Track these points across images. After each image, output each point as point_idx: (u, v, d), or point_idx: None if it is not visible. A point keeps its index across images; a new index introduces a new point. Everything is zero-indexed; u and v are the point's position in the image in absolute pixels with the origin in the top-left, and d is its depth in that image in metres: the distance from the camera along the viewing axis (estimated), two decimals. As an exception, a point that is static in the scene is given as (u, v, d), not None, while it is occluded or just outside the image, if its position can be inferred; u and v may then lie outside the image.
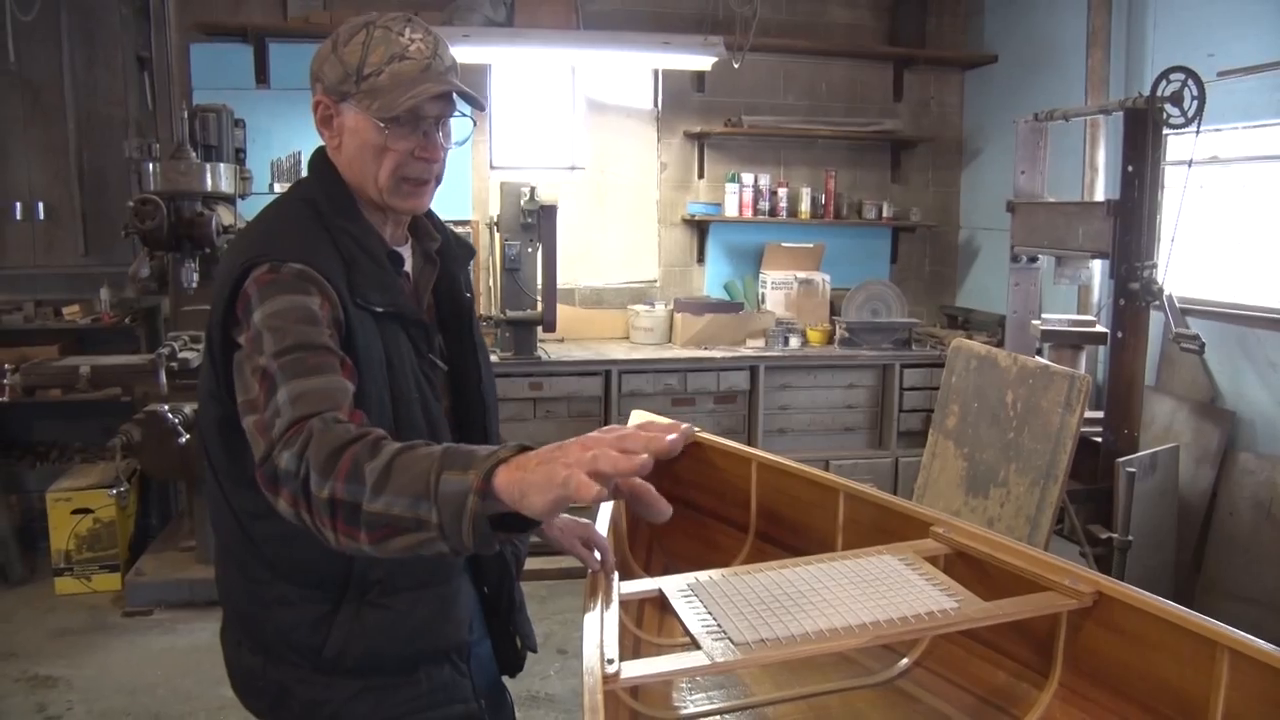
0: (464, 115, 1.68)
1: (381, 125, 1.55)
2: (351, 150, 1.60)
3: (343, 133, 1.60)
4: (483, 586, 1.79)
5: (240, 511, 1.59)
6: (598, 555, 1.94)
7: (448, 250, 1.79)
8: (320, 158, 1.67)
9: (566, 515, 2.00)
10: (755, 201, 6.09)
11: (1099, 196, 4.88)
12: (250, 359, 1.39)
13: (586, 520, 2.12)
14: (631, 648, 2.28)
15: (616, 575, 1.91)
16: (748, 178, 6.08)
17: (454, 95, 1.61)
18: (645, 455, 1.12)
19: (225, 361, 1.48)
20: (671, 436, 1.17)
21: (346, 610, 1.57)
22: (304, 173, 1.75)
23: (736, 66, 5.51)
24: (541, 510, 1.11)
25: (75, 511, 4.77)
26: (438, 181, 1.67)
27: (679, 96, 6.17)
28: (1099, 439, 3.93)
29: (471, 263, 1.93)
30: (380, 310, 1.55)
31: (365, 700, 1.61)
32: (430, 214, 1.78)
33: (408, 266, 1.72)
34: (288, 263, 1.46)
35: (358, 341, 1.49)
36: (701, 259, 6.33)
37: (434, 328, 1.72)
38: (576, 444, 1.14)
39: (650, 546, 2.91)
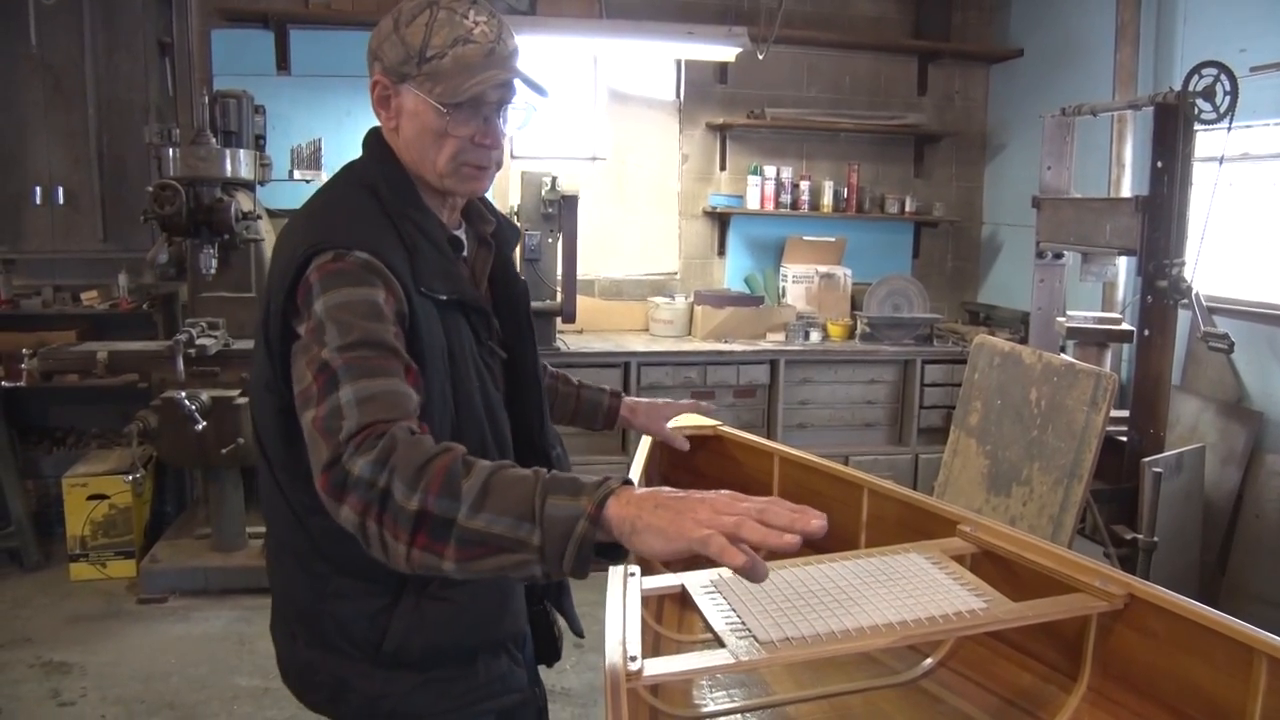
0: (527, 104, 1.64)
1: (443, 110, 1.51)
2: (410, 133, 1.55)
3: (401, 115, 1.55)
4: None
5: (297, 505, 1.55)
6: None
7: (501, 233, 1.77)
8: (376, 140, 1.62)
9: (646, 400, 2.12)
10: (777, 194, 6.05)
11: (1125, 193, 4.83)
12: (308, 349, 1.36)
13: (666, 400, 2.13)
14: (651, 644, 2.25)
15: (638, 570, 1.87)
16: (770, 170, 6.03)
17: (517, 82, 1.58)
18: (795, 536, 1.12)
19: (284, 352, 1.45)
20: (818, 522, 1.16)
21: (406, 603, 1.55)
22: (323, 157, 1.73)
23: (761, 58, 5.46)
24: (655, 552, 1.13)
25: (91, 497, 4.77)
26: (497, 166, 1.64)
27: (701, 88, 6.12)
28: (1124, 438, 3.88)
29: (518, 244, 1.90)
30: (444, 298, 1.52)
31: (425, 693, 1.59)
32: (482, 196, 1.75)
33: (465, 251, 1.69)
34: (353, 251, 1.42)
35: (421, 332, 1.46)
36: (722, 251, 6.28)
37: (492, 313, 1.69)
38: (704, 503, 1.14)
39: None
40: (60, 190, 5.41)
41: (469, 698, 1.62)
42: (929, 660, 2.19)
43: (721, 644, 1.63)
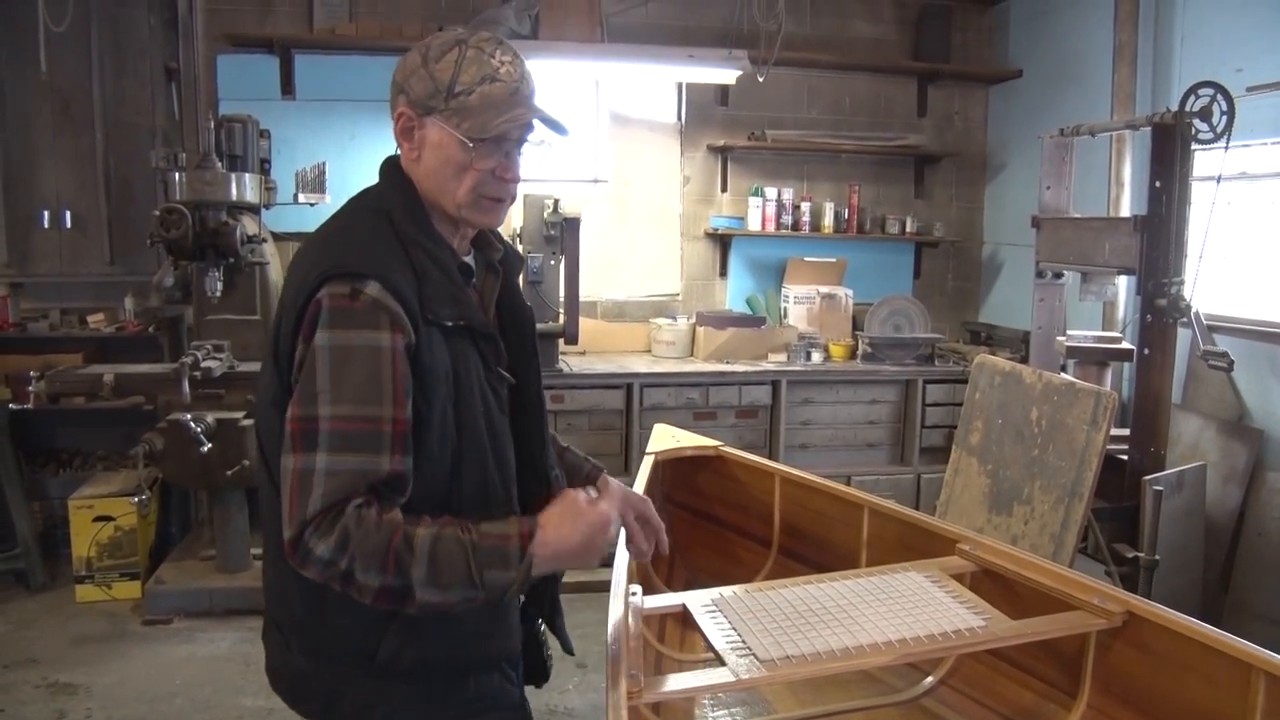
0: (542, 140, 1.70)
1: (469, 144, 1.57)
2: (433, 164, 1.60)
3: (424, 146, 1.60)
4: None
5: None
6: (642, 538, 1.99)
7: (508, 260, 1.82)
8: (393, 168, 1.68)
9: (620, 483, 2.05)
10: (778, 216, 6.07)
11: (1124, 212, 4.85)
12: (304, 385, 1.46)
13: (641, 494, 2.12)
14: (654, 663, 2.26)
15: (640, 590, 1.89)
16: (771, 192, 6.06)
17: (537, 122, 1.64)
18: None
19: (292, 370, 1.52)
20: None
21: (401, 616, 1.57)
22: (327, 180, 1.80)
23: (761, 80, 5.50)
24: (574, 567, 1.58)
25: (97, 519, 4.79)
26: (511, 200, 1.70)
27: (702, 110, 6.16)
28: (1124, 457, 3.89)
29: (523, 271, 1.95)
30: (450, 324, 1.57)
31: (415, 705, 1.63)
32: None
33: (475, 278, 1.73)
34: (366, 281, 1.48)
35: (423, 357, 1.51)
36: (724, 273, 6.31)
37: (499, 339, 1.73)
38: (574, 508, 1.55)
39: (672, 560, 2.90)
40: (68, 214, 5.45)
41: (459, 712, 1.66)
42: (930, 679, 2.21)
43: (722, 662, 1.64)
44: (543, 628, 1.90)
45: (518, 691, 1.75)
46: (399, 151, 1.65)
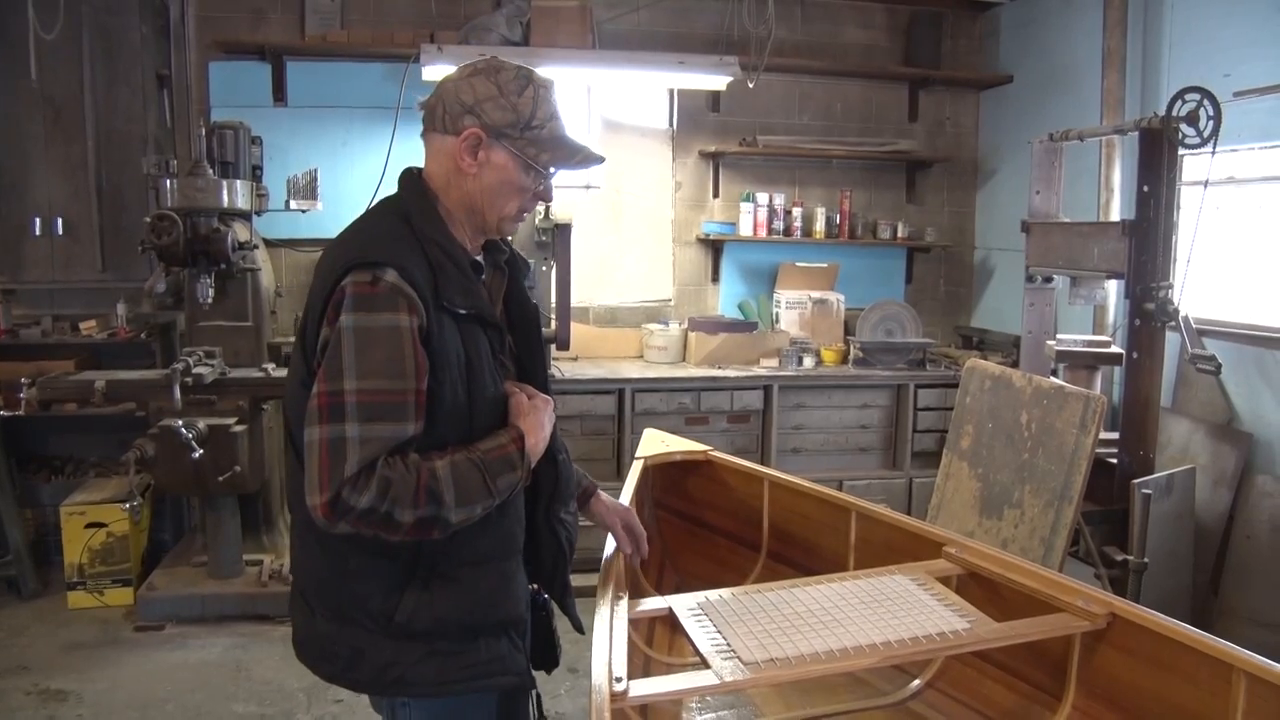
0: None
1: (541, 171, 1.81)
2: (491, 182, 1.79)
3: (485, 165, 1.78)
4: (537, 569, 1.97)
5: None
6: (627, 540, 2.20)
7: (514, 261, 2.00)
8: (412, 178, 1.85)
9: (610, 496, 2.24)
10: (770, 221, 6.08)
11: (1114, 217, 4.87)
12: (329, 355, 1.61)
13: (629, 507, 2.22)
14: (641, 666, 2.27)
15: (626, 595, 1.90)
16: (762, 197, 6.07)
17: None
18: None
19: (316, 352, 1.67)
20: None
21: (418, 581, 1.74)
22: (319, 187, 1.94)
23: (751, 86, 5.51)
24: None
25: (89, 525, 4.79)
26: None
27: (694, 116, 6.18)
28: (1114, 460, 3.90)
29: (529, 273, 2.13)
30: (463, 312, 1.73)
31: (430, 663, 1.75)
32: None
33: (484, 275, 1.90)
34: (386, 269, 1.63)
35: (433, 342, 1.67)
36: (716, 278, 6.32)
37: (505, 329, 1.90)
38: (527, 407, 1.80)
39: (662, 565, 2.90)
40: (60, 221, 5.45)
41: (470, 672, 1.78)
42: (916, 681, 2.21)
43: (707, 665, 1.65)
44: (552, 615, 2.01)
45: (524, 658, 1.87)
46: (461, 163, 1.77)
